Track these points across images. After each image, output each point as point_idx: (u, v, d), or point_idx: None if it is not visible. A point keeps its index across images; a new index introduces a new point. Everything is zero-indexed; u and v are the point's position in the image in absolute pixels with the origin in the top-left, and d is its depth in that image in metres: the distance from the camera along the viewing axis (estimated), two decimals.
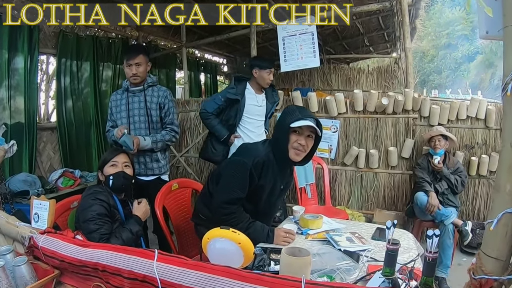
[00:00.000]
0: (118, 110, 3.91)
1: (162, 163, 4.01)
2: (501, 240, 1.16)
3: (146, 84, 3.89)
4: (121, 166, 2.94)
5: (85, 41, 6.90)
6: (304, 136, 2.63)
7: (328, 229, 2.84)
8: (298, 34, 6.00)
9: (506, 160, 1.13)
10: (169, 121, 4.01)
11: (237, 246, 1.86)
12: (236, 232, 1.88)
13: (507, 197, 1.13)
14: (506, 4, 1.11)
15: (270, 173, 2.74)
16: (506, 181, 1.13)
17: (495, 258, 1.18)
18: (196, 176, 6.77)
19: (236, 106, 4.61)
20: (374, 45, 13.65)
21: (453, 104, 5.09)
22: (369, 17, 10.26)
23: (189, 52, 10.46)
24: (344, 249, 2.39)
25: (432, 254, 1.49)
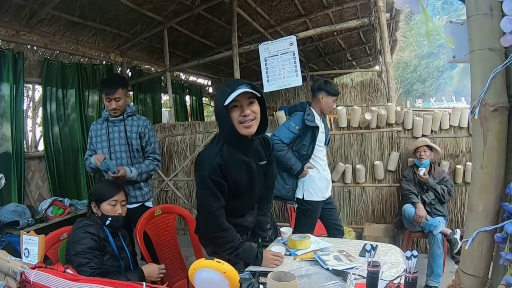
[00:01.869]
0: (98, 140, 3.91)
1: (145, 190, 4.01)
2: (477, 258, 1.19)
3: (126, 114, 3.91)
4: (119, 205, 2.94)
5: (69, 69, 6.92)
6: (244, 107, 2.33)
7: (316, 248, 2.84)
8: (279, 54, 6.06)
9: (477, 181, 1.16)
10: (151, 150, 4.03)
11: (222, 276, 1.88)
12: (220, 262, 1.89)
13: (480, 217, 1.16)
14: (471, 29, 1.15)
15: (234, 166, 2.46)
16: (479, 201, 1.16)
17: (472, 275, 1.21)
18: (185, 199, 6.78)
19: (310, 134, 4.18)
20: (357, 59, 13.81)
21: (435, 115, 5.15)
22: (350, 32, 10.41)
23: (174, 75, 10.52)
24: (332, 268, 2.39)
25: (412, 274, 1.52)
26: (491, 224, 1.14)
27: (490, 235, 1.15)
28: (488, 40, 1.01)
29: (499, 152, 1.12)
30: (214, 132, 6.51)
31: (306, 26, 9.24)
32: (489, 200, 1.14)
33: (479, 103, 1.10)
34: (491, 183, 1.13)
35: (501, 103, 1.09)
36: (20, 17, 5.89)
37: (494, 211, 1.14)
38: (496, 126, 1.10)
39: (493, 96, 1.09)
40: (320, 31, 6.81)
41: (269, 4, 7.86)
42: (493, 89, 1.08)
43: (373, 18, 6.01)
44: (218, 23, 8.28)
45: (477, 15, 1.12)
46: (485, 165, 1.13)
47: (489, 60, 1.08)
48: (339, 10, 8.71)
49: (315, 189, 4.25)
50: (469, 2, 1.15)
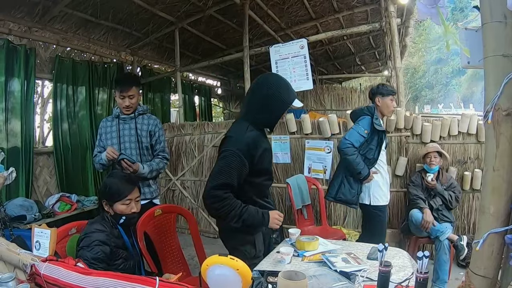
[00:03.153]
0: (108, 136, 3.95)
1: (153, 187, 4.05)
2: (488, 259, 1.21)
3: (137, 112, 3.96)
4: (134, 203, 2.84)
5: (80, 66, 7.00)
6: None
7: (324, 250, 2.87)
8: (290, 57, 6.09)
9: (489, 183, 1.19)
10: (161, 148, 4.08)
11: (235, 272, 1.89)
12: (234, 259, 1.91)
13: (491, 218, 1.19)
14: (485, 36, 1.18)
15: (261, 143, 2.75)
16: (490, 203, 1.18)
17: (482, 276, 1.23)
18: (192, 199, 6.80)
19: (376, 138, 4.21)
20: (366, 64, 13.80)
21: (444, 121, 5.16)
22: (360, 37, 10.41)
23: (183, 76, 10.55)
24: (340, 270, 2.41)
25: (423, 274, 1.54)
26: (502, 225, 1.16)
27: (500, 237, 1.17)
28: (502, 47, 1.04)
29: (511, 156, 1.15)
30: (223, 132, 6.51)
31: (316, 30, 9.27)
32: (500, 202, 1.16)
33: (493, 108, 1.13)
34: (502, 185, 1.16)
35: None
36: (33, 13, 5.97)
37: (505, 213, 1.17)
38: (508, 130, 1.12)
39: (506, 101, 1.11)
40: (331, 35, 6.84)
41: (281, 7, 7.90)
42: (506, 94, 1.11)
43: (383, 23, 6.02)
44: (229, 24, 8.33)
45: (492, 23, 1.15)
46: (497, 168, 1.15)
47: (503, 66, 1.10)
48: (350, 15, 8.73)
49: (381, 194, 4.27)
50: (484, 10, 1.17)
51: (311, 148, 5.87)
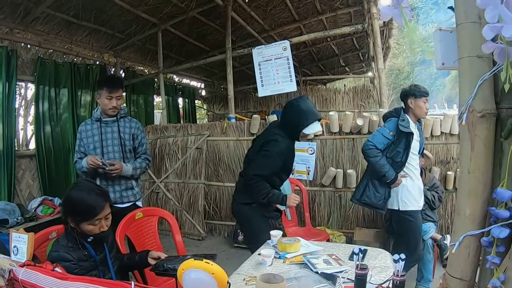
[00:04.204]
0: (90, 140, 3.88)
1: (136, 190, 4.02)
2: (464, 261, 1.21)
3: (119, 115, 3.93)
4: (104, 221, 2.49)
5: (63, 68, 6.93)
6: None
7: (306, 252, 2.87)
8: (273, 59, 6.09)
9: (465, 185, 1.19)
10: (143, 150, 4.09)
11: (211, 277, 1.89)
12: (209, 263, 1.91)
13: (467, 221, 1.18)
14: (460, 37, 1.18)
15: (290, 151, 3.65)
16: (466, 205, 1.18)
17: (459, 278, 1.23)
18: (176, 201, 6.76)
19: (404, 141, 4.04)
20: (350, 65, 13.86)
21: (427, 121, 5.18)
22: (343, 38, 10.46)
23: (167, 77, 10.52)
24: (321, 272, 2.41)
25: (399, 277, 1.54)
26: (478, 228, 1.16)
27: (477, 239, 1.17)
28: (476, 48, 1.03)
29: (486, 158, 1.14)
30: (206, 135, 6.53)
31: (300, 32, 9.30)
32: (476, 205, 1.16)
33: (467, 109, 1.12)
34: (478, 187, 1.15)
35: (488, 109, 1.11)
36: (15, 14, 5.89)
37: (481, 216, 1.17)
38: (483, 132, 1.12)
39: (480, 103, 1.11)
40: (314, 36, 6.84)
41: (264, 9, 7.92)
42: (480, 96, 1.10)
43: (366, 25, 6.06)
44: (213, 26, 8.32)
45: (466, 23, 1.14)
46: (473, 170, 1.15)
47: (477, 67, 1.10)
48: (333, 16, 8.78)
49: (410, 198, 4.10)
50: (459, 10, 1.17)
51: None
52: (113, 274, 2.59)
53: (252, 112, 11.35)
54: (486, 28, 0.86)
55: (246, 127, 6.30)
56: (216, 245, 6.30)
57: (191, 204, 6.72)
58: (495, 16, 0.84)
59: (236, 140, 6.39)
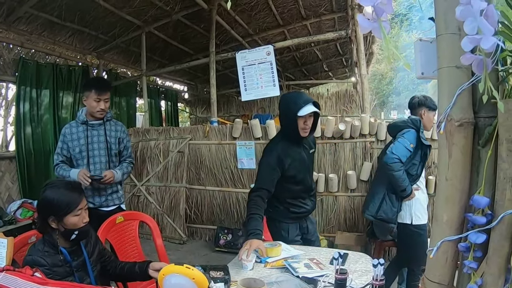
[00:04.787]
0: (76, 144, 3.82)
1: (120, 193, 4.05)
2: (442, 266, 1.24)
3: (105, 118, 3.91)
4: (84, 213, 2.46)
5: (45, 69, 6.88)
6: (307, 118, 3.20)
7: (287, 256, 2.88)
8: (257, 64, 6.11)
9: (442, 192, 1.21)
10: (128, 154, 4.11)
11: (191, 282, 1.89)
12: (190, 268, 1.92)
13: (444, 226, 1.21)
14: (440, 47, 1.20)
15: (290, 154, 3.30)
16: (443, 211, 1.21)
17: (438, 283, 1.25)
18: (157, 205, 6.75)
19: (420, 153, 3.99)
20: (333, 70, 13.96)
21: None
22: (327, 44, 10.54)
23: (150, 80, 10.47)
24: (302, 276, 2.43)
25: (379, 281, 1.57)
26: (456, 233, 1.19)
27: (454, 245, 1.19)
28: (455, 58, 1.06)
29: (464, 165, 1.17)
30: (188, 138, 6.53)
31: (284, 36, 9.36)
32: (454, 211, 1.19)
33: (445, 118, 1.15)
34: (455, 194, 1.18)
35: (466, 118, 1.14)
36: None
37: (459, 222, 1.19)
38: (461, 140, 1.15)
39: (458, 112, 1.14)
40: (298, 41, 6.92)
41: (248, 13, 7.95)
42: (459, 105, 1.13)
43: (350, 31, 6.12)
44: (197, 29, 8.34)
45: (446, 34, 1.17)
46: (450, 177, 1.18)
47: (456, 77, 1.13)
48: (317, 22, 8.85)
49: (422, 212, 4.06)
50: (439, 21, 1.20)
51: None
52: (92, 279, 2.51)
53: (234, 116, 11.34)
54: (465, 39, 0.88)
55: (228, 131, 6.32)
56: (197, 249, 6.29)
57: (172, 208, 6.72)
58: (474, 28, 0.87)
59: (218, 144, 6.40)
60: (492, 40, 0.85)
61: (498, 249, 1.10)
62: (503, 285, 1.12)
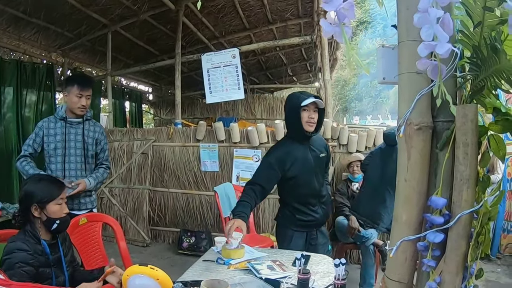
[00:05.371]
0: (51, 140, 3.70)
1: (93, 197, 3.96)
2: (401, 265, 1.28)
3: (85, 117, 3.82)
4: (64, 204, 2.62)
5: (8, 65, 6.65)
6: (311, 111, 3.23)
7: (250, 258, 2.90)
8: (222, 66, 6.14)
9: (401, 193, 1.25)
10: (105, 157, 4.00)
11: (155, 282, 1.90)
12: (154, 269, 1.92)
13: (403, 227, 1.25)
14: (401, 54, 1.25)
15: (295, 153, 3.31)
16: (403, 212, 1.25)
17: (397, 281, 1.29)
18: (120, 207, 6.68)
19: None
20: (297, 75, 14.09)
21: (370, 131, 5.37)
22: (292, 49, 10.62)
23: (115, 80, 10.37)
24: (265, 277, 2.45)
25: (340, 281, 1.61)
26: (414, 233, 1.22)
27: (413, 244, 1.23)
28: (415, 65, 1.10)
29: (422, 167, 1.21)
30: (151, 140, 6.51)
31: (250, 40, 9.40)
32: (412, 211, 1.23)
33: (405, 122, 1.19)
34: (414, 195, 1.22)
35: (425, 122, 1.18)
36: None
37: (417, 222, 1.23)
38: (419, 143, 1.19)
39: (417, 116, 1.18)
40: (263, 45, 6.98)
41: (215, 16, 7.96)
42: (418, 110, 1.17)
43: (315, 36, 6.20)
44: (163, 30, 8.27)
45: (407, 41, 1.22)
46: (409, 179, 1.22)
47: (416, 83, 1.17)
48: (283, 27, 8.93)
49: None
50: (401, 29, 1.24)
51: (239, 157, 5.97)
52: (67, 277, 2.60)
53: (199, 118, 11.34)
54: (422, 45, 0.93)
55: (192, 133, 6.32)
56: (160, 251, 6.26)
57: (136, 210, 6.66)
58: (431, 35, 0.91)
59: (182, 146, 6.39)
60: (447, 46, 0.89)
61: (456, 248, 1.15)
62: (461, 283, 1.17)
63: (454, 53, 1.05)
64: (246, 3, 7.82)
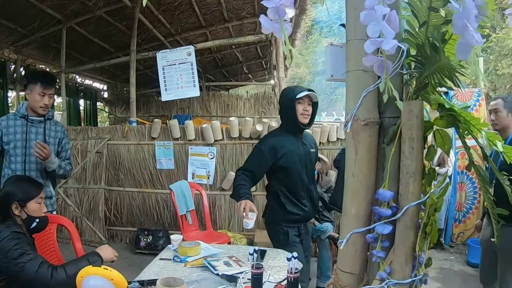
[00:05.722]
0: (11, 138, 3.56)
1: (53, 199, 3.85)
2: (352, 256, 1.32)
3: (47, 116, 3.69)
4: (43, 204, 2.73)
5: None
6: (306, 104, 3.33)
7: (206, 255, 2.93)
8: (177, 64, 6.12)
9: (350, 187, 1.30)
10: (67, 156, 3.87)
11: (110, 283, 1.89)
12: (108, 269, 1.92)
13: (353, 220, 1.29)
14: (349, 52, 1.29)
15: (287, 144, 3.37)
16: (351, 205, 1.29)
17: (349, 272, 1.33)
18: (76, 208, 6.55)
19: None
20: (253, 72, 14.15)
21: (323, 128, 5.47)
22: (248, 47, 10.66)
23: (69, 77, 10.15)
24: (222, 274, 2.48)
25: (293, 274, 1.65)
26: (363, 226, 1.26)
27: (363, 236, 1.27)
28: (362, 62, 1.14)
29: (369, 162, 1.25)
30: (106, 139, 6.42)
31: (205, 38, 9.38)
32: (361, 205, 1.27)
33: (352, 118, 1.24)
34: (361, 189, 1.26)
35: (371, 118, 1.22)
36: None
37: (366, 215, 1.27)
38: (366, 138, 1.23)
39: (364, 112, 1.22)
40: (219, 43, 6.99)
41: (172, 13, 7.90)
42: (364, 106, 1.21)
43: (270, 35, 6.25)
44: (119, 27, 8.12)
45: (355, 40, 1.25)
46: (356, 173, 1.26)
47: (363, 80, 1.21)
48: (239, 25, 8.95)
49: None
50: (349, 28, 1.28)
51: (194, 154, 5.98)
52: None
53: (154, 116, 11.20)
54: (368, 42, 0.96)
55: (147, 131, 6.27)
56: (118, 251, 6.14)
57: (91, 210, 6.54)
58: (377, 32, 0.95)
59: (137, 144, 6.34)
60: (393, 42, 0.93)
61: (404, 238, 1.19)
62: (411, 272, 1.22)
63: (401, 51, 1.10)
64: (202, 0, 7.79)
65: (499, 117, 3.49)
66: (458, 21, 0.91)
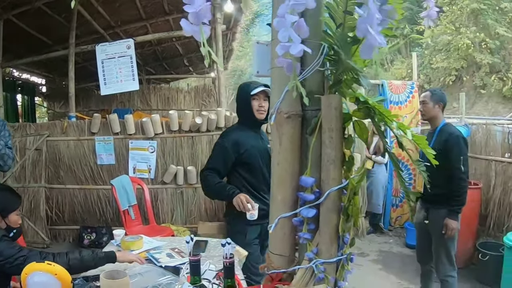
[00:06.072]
0: None
1: None
2: (281, 240, 1.42)
3: None
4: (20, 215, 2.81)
5: None
6: (262, 100, 3.34)
7: (149, 248, 2.99)
8: (117, 57, 6.09)
9: (275, 175, 1.40)
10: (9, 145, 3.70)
11: (54, 278, 1.92)
12: (51, 264, 1.95)
13: (280, 205, 1.40)
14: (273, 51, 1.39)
15: (247, 138, 3.38)
16: (278, 192, 1.40)
17: (279, 255, 1.43)
18: None
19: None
20: (194, 65, 14.13)
21: None
22: (188, 39, 10.64)
23: (6, 72, 9.83)
24: (165, 265, 2.55)
25: (228, 259, 1.75)
26: (290, 210, 1.36)
27: (290, 220, 1.37)
28: None
29: (293, 152, 1.36)
30: (45, 135, 6.29)
31: (146, 30, 9.33)
32: (287, 191, 1.37)
33: (276, 111, 1.33)
34: (286, 177, 1.36)
35: (294, 111, 1.32)
36: None
37: (292, 200, 1.37)
38: (289, 130, 1.33)
39: (287, 106, 1.31)
40: (159, 36, 7.00)
41: (112, 5, 7.80)
42: (287, 100, 1.31)
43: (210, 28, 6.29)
44: (57, 19, 7.92)
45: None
46: (281, 162, 1.36)
47: (285, 76, 1.28)
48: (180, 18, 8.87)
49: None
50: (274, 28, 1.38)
51: (135, 148, 5.98)
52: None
53: (94, 110, 10.98)
54: (279, 46, 1.06)
55: (87, 127, 6.21)
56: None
57: (32, 210, 6.41)
58: (286, 37, 1.05)
59: (76, 140, 6.26)
60: (300, 47, 1.02)
61: (327, 221, 1.31)
62: (337, 251, 1.34)
63: (321, 49, 1.21)
64: None
65: (427, 108, 3.79)
66: (362, 25, 1.02)
